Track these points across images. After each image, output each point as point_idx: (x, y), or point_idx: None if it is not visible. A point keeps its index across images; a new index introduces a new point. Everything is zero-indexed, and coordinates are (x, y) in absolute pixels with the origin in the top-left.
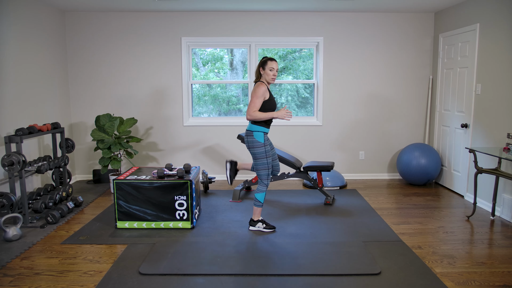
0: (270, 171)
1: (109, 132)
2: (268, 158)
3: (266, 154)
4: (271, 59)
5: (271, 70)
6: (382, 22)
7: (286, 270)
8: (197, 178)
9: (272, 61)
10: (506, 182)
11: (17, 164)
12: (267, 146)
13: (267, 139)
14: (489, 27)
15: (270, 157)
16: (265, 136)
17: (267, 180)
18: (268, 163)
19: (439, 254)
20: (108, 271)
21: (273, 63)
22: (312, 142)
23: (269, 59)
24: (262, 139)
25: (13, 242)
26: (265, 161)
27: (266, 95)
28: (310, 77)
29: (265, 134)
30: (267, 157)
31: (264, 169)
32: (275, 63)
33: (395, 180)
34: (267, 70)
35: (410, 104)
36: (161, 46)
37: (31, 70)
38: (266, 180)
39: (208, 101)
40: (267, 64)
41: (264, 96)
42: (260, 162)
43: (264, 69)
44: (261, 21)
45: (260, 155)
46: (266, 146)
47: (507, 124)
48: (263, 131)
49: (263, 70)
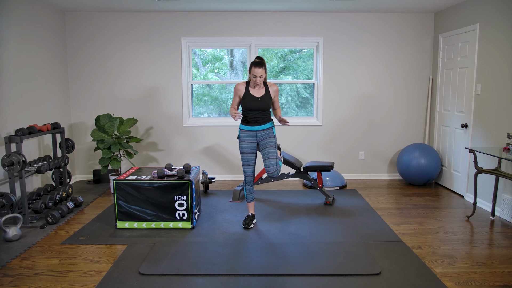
0: (248, 168)
1: (109, 132)
2: (243, 155)
3: (241, 150)
4: (256, 64)
5: (254, 77)
6: (382, 22)
7: (286, 270)
8: (197, 178)
9: (256, 67)
10: (506, 182)
11: (17, 164)
12: (242, 142)
13: (245, 136)
14: (489, 27)
15: (244, 154)
16: (241, 133)
17: (245, 176)
18: (244, 160)
19: (439, 254)
20: (108, 271)
21: (256, 70)
22: (312, 142)
23: (253, 65)
24: (239, 134)
25: (13, 242)
26: (242, 157)
27: (241, 94)
28: (310, 77)
29: (241, 131)
30: (241, 153)
31: (243, 165)
32: (258, 70)
33: (395, 180)
34: (251, 75)
35: (410, 104)
36: (161, 46)
37: (31, 70)
38: (244, 176)
39: (208, 101)
40: (251, 70)
41: (239, 94)
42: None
43: (250, 73)
44: (261, 21)
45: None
46: (241, 142)
47: (507, 124)
48: (241, 127)
49: (249, 73)
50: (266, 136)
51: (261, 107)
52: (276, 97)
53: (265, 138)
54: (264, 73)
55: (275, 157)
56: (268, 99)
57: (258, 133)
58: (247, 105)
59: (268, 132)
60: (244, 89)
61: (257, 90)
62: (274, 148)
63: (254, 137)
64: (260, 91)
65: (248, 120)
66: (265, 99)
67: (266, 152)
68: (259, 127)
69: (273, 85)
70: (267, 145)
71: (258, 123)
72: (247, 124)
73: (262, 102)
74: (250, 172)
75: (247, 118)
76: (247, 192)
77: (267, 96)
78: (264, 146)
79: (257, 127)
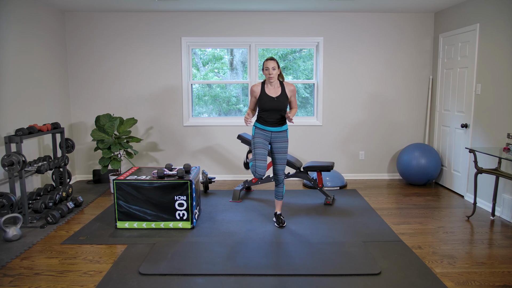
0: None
1: (109, 132)
2: (255, 149)
3: (254, 145)
4: (267, 59)
5: (266, 69)
6: (382, 22)
7: (286, 270)
8: (197, 178)
9: (267, 60)
10: (506, 182)
11: (17, 164)
12: (255, 138)
13: (260, 133)
14: (489, 27)
15: (257, 148)
16: (256, 130)
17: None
18: (255, 154)
19: (439, 254)
20: (108, 271)
21: (268, 62)
22: (312, 142)
23: (265, 60)
24: (253, 132)
25: (13, 242)
26: (255, 151)
27: (257, 95)
28: (310, 77)
29: (256, 129)
30: (255, 148)
31: (256, 159)
32: (269, 62)
33: (395, 180)
34: (264, 70)
35: (410, 104)
36: (161, 46)
37: (31, 70)
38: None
39: (208, 101)
40: (264, 64)
41: (254, 95)
42: None
43: (263, 70)
44: (261, 21)
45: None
46: (255, 138)
47: (507, 124)
48: (256, 125)
49: (263, 71)
50: (280, 140)
51: (278, 107)
52: (293, 97)
53: (279, 141)
54: (276, 66)
55: (285, 164)
56: (285, 99)
57: (273, 134)
58: (264, 105)
59: (283, 135)
60: (259, 90)
61: (273, 90)
62: (286, 154)
63: (268, 136)
64: (276, 91)
65: (265, 119)
66: (281, 99)
67: (278, 157)
68: (276, 129)
69: (290, 84)
70: (280, 151)
71: (274, 125)
72: (264, 124)
73: (278, 102)
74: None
75: (264, 118)
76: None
77: (284, 96)
78: (278, 150)
79: (273, 128)
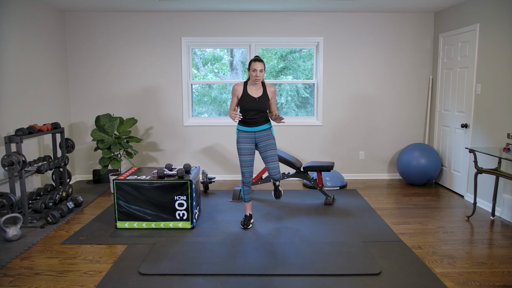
0: (246, 170)
1: (109, 132)
2: (241, 156)
3: (239, 151)
4: (255, 59)
5: (254, 71)
6: (382, 22)
7: (286, 270)
8: (197, 178)
9: (255, 62)
10: (506, 182)
11: (17, 164)
12: (240, 144)
13: (243, 136)
14: (489, 27)
15: (243, 155)
16: (239, 134)
17: (243, 177)
18: (242, 161)
19: (439, 254)
20: (108, 271)
21: (256, 63)
22: (312, 142)
23: (253, 60)
24: (237, 136)
25: (13, 242)
26: (240, 158)
27: (239, 94)
28: (310, 77)
29: (239, 132)
30: (240, 155)
31: (241, 166)
32: (258, 63)
33: (395, 180)
34: (251, 71)
35: (410, 104)
36: (161, 46)
37: (31, 70)
38: (242, 177)
39: (208, 101)
40: (251, 65)
41: (237, 95)
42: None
43: (249, 70)
44: (261, 21)
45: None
46: (240, 144)
47: (507, 124)
48: (239, 128)
49: (249, 70)
50: (265, 138)
51: (259, 107)
52: (273, 99)
53: (264, 139)
54: (263, 68)
55: (277, 160)
56: (266, 100)
57: (256, 134)
58: (245, 105)
59: (267, 133)
60: (242, 89)
61: (255, 90)
62: (275, 150)
63: (252, 138)
64: (258, 92)
65: (246, 121)
66: (263, 100)
67: (268, 155)
68: (258, 128)
69: (270, 86)
70: (268, 148)
71: (256, 124)
72: (245, 125)
73: (260, 103)
74: (248, 173)
75: (245, 119)
76: (245, 193)
77: (265, 97)
78: (265, 148)
79: (255, 128)
